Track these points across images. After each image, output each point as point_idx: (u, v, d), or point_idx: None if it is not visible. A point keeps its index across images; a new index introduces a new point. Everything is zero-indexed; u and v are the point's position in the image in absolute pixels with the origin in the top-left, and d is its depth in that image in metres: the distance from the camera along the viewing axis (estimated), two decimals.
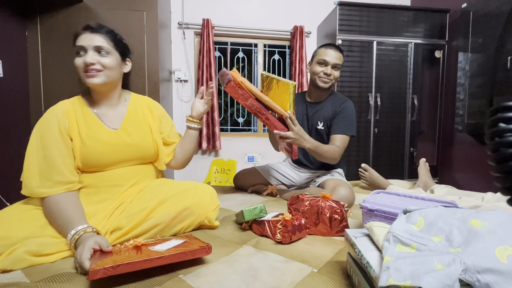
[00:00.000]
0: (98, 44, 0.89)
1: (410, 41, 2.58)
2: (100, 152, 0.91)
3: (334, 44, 1.45)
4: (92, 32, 0.89)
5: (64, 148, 0.87)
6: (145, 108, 1.06)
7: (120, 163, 0.96)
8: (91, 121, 0.93)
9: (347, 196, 1.23)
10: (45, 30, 2.02)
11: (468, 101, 2.26)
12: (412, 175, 2.63)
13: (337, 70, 1.42)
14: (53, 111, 0.90)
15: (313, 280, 0.65)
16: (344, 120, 1.42)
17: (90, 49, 0.88)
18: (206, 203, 0.99)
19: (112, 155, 0.93)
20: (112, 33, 0.94)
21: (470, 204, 1.08)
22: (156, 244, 0.75)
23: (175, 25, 2.79)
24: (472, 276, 0.39)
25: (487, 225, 0.44)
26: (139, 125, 1.01)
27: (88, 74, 0.88)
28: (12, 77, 1.84)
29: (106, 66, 0.90)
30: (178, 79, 2.83)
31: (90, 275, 0.58)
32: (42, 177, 0.82)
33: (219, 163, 2.94)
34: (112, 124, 0.97)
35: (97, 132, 0.92)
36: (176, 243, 0.75)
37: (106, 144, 0.92)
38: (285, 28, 2.97)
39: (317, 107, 1.50)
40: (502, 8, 2.00)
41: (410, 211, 0.57)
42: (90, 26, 0.90)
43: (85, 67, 0.87)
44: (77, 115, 0.92)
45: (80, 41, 0.88)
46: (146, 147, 1.01)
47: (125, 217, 0.87)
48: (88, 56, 0.87)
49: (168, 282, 0.64)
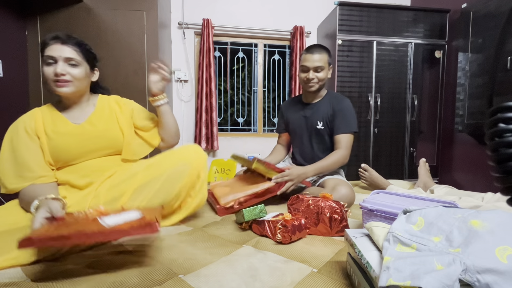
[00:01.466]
0: (68, 55, 0.93)
1: (410, 41, 2.58)
2: (67, 144, 0.94)
3: (314, 46, 1.44)
4: (62, 44, 0.93)
5: (32, 146, 0.92)
6: (113, 103, 1.09)
7: (90, 154, 0.99)
8: (57, 119, 0.98)
9: (347, 196, 1.23)
10: (45, 30, 2.02)
11: (468, 101, 2.26)
12: (412, 175, 2.63)
13: (320, 71, 1.42)
14: (21, 117, 0.96)
15: (313, 280, 0.65)
16: (345, 118, 1.42)
17: (61, 60, 0.92)
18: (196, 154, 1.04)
19: (79, 145, 0.96)
20: (82, 45, 0.98)
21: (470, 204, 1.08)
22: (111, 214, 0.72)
23: (175, 25, 2.79)
24: (472, 276, 0.39)
25: (487, 225, 0.44)
26: (105, 117, 1.04)
27: (58, 84, 0.92)
28: (12, 77, 1.84)
29: (75, 77, 0.94)
30: (178, 79, 2.83)
31: (19, 244, 0.57)
32: (15, 175, 0.88)
33: (219, 163, 2.94)
34: (78, 120, 1.01)
35: (62, 127, 0.97)
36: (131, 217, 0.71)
37: (71, 136, 0.96)
38: (285, 28, 2.97)
39: (314, 107, 1.51)
40: (502, 8, 2.00)
41: (410, 211, 0.57)
42: (59, 37, 0.93)
43: (55, 77, 0.91)
44: (44, 116, 0.97)
45: (49, 51, 0.91)
46: (113, 135, 1.03)
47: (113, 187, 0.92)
48: (58, 67, 0.91)
49: (168, 282, 0.64)
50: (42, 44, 0.93)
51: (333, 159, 1.36)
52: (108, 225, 0.66)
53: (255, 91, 3.14)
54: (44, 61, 0.92)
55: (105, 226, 0.65)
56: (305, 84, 1.46)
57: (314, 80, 1.42)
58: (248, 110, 3.21)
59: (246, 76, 3.24)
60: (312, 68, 1.41)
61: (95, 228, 0.63)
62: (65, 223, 0.69)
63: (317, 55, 1.40)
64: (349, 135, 1.41)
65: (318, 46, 1.44)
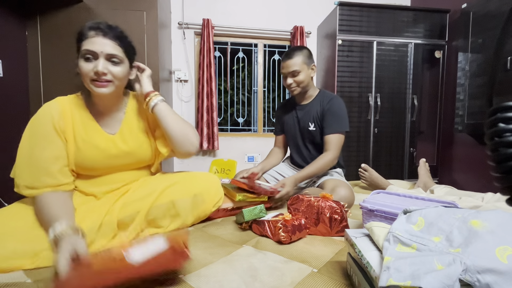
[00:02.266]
0: (110, 52, 0.81)
1: (410, 41, 2.58)
2: (94, 157, 0.87)
3: (288, 51, 1.43)
4: (104, 37, 0.81)
5: (57, 148, 0.82)
6: (142, 108, 1.01)
7: (115, 168, 0.94)
8: (88, 124, 0.89)
9: (347, 197, 1.23)
10: (45, 30, 2.02)
11: (468, 101, 2.26)
12: (412, 175, 2.63)
13: (297, 74, 1.40)
14: (48, 109, 0.84)
15: (313, 280, 0.65)
16: (334, 117, 1.40)
17: (102, 56, 0.80)
18: (213, 191, 1.00)
19: (107, 161, 0.90)
20: (123, 37, 0.87)
21: (470, 204, 1.08)
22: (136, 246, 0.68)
23: (175, 25, 2.79)
24: (472, 276, 0.39)
25: (487, 225, 0.44)
26: (136, 130, 0.97)
27: (98, 83, 0.81)
28: (12, 77, 1.84)
29: (116, 77, 0.84)
30: (178, 79, 2.83)
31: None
32: (31, 177, 0.78)
33: (219, 163, 2.94)
34: (110, 128, 0.93)
35: (93, 136, 0.88)
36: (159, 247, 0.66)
37: (101, 151, 0.88)
38: (285, 28, 2.97)
39: (306, 108, 1.51)
40: (502, 9, 2.00)
41: (410, 211, 0.57)
42: (101, 28, 0.81)
43: (95, 75, 0.80)
44: (74, 116, 0.87)
45: (89, 44, 0.80)
46: (143, 154, 0.97)
47: (128, 204, 0.86)
48: (100, 64, 0.80)
49: (168, 282, 0.64)
50: (80, 34, 0.81)
51: (320, 163, 1.35)
52: (137, 262, 0.62)
53: (255, 91, 3.15)
54: (82, 55, 0.80)
55: (134, 265, 0.61)
56: (289, 89, 1.47)
57: (293, 85, 1.42)
58: (248, 110, 3.21)
59: (246, 76, 3.24)
60: (289, 74, 1.41)
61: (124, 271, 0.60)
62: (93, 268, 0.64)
63: (290, 61, 1.39)
64: (338, 135, 1.39)
65: (292, 50, 1.43)
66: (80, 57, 0.82)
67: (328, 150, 1.38)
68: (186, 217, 0.95)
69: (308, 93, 1.50)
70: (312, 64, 1.45)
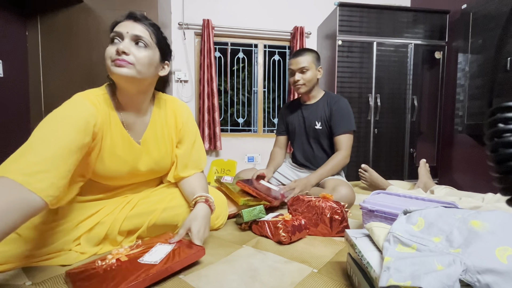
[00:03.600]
0: (137, 33, 0.74)
1: (410, 42, 2.58)
2: (118, 169, 0.81)
3: (299, 50, 1.48)
4: (135, 21, 0.76)
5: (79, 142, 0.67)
6: (170, 117, 0.92)
7: (132, 180, 0.89)
8: (117, 130, 0.79)
9: (348, 196, 1.23)
10: (45, 30, 2.02)
11: (468, 102, 2.26)
12: (412, 175, 2.63)
13: (306, 71, 1.44)
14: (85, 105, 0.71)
15: (313, 281, 0.65)
16: (343, 118, 1.45)
17: (127, 37, 0.74)
18: (218, 210, 0.97)
19: (128, 175, 0.84)
20: (157, 27, 0.81)
21: (470, 205, 1.08)
22: (143, 253, 0.69)
23: (176, 25, 2.79)
24: (472, 276, 0.39)
25: (487, 226, 0.44)
26: (160, 137, 0.89)
27: (117, 62, 0.71)
28: (13, 77, 1.84)
29: (139, 60, 0.74)
30: (179, 80, 2.83)
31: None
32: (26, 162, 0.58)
33: (219, 164, 2.94)
34: (135, 133, 0.84)
35: (122, 147, 0.80)
36: (166, 249, 0.71)
37: (125, 163, 0.81)
38: (285, 28, 2.98)
39: (311, 107, 1.53)
40: (502, 9, 2.00)
41: (410, 211, 0.57)
42: (133, 14, 0.77)
43: (116, 54, 0.71)
44: (104, 118, 0.76)
45: (118, 27, 0.75)
46: (164, 165, 0.91)
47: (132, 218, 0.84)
48: (122, 43, 0.72)
49: (168, 282, 0.64)
50: (113, 25, 0.77)
51: (334, 162, 1.39)
52: (156, 261, 0.65)
53: (255, 92, 3.15)
54: (110, 41, 0.75)
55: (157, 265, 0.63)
56: (294, 87, 1.50)
57: (300, 82, 1.46)
58: (248, 110, 3.21)
59: (246, 76, 3.24)
60: (297, 70, 1.45)
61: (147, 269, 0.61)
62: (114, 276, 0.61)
63: (301, 57, 1.44)
64: (348, 135, 1.44)
65: (302, 49, 1.49)
66: (109, 43, 0.75)
67: (339, 149, 1.42)
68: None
69: (312, 93, 1.53)
70: (319, 66, 1.49)
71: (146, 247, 0.73)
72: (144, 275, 0.60)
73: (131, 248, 0.73)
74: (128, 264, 0.65)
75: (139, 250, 0.72)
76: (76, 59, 2.03)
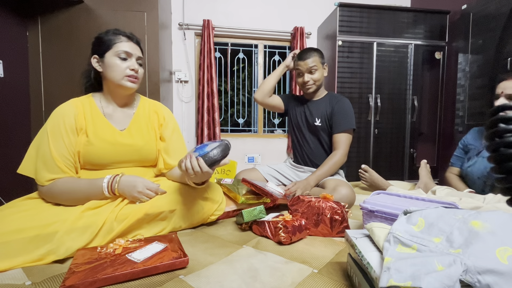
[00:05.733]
0: (140, 55, 1.00)
1: (410, 42, 2.59)
2: (103, 151, 0.94)
3: (304, 50, 1.50)
4: (135, 43, 1.00)
5: (65, 146, 0.89)
6: (153, 113, 1.09)
7: (120, 164, 0.98)
8: (98, 120, 0.97)
9: (348, 196, 1.23)
10: (45, 31, 2.02)
11: (468, 102, 2.26)
12: (412, 176, 2.63)
13: (314, 71, 1.46)
14: (62, 109, 0.93)
15: (313, 281, 0.65)
16: (343, 116, 1.46)
17: (134, 57, 0.98)
18: (216, 197, 1.02)
19: (114, 154, 0.96)
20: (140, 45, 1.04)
21: (470, 205, 1.08)
22: (136, 249, 0.73)
23: (176, 25, 2.79)
24: (472, 277, 0.39)
25: (488, 226, 0.44)
26: (144, 128, 1.04)
27: (130, 79, 0.97)
28: (13, 77, 1.85)
29: (140, 76, 1.02)
30: (179, 80, 2.84)
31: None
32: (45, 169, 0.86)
33: None
34: (120, 125, 1.01)
35: (103, 131, 0.95)
36: (156, 249, 0.73)
37: (110, 144, 0.95)
38: (286, 29, 2.98)
39: (314, 104, 1.56)
40: (502, 10, 2.00)
41: (410, 212, 0.57)
42: (132, 37, 1.00)
43: (131, 71, 0.97)
44: (86, 113, 0.95)
45: (125, 47, 0.96)
46: (148, 151, 1.03)
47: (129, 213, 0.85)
48: (135, 64, 0.98)
49: (168, 282, 0.64)
50: (109, 40, 0.96)
51: (332, 162, 1.40)
52: (139, 259, 0.68)
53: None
54: (117, 55, 0.95)
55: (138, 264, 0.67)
56: (303, 87, 1.52)
57: (309, 82, 1.48)
58: (248, 111, 3.22)
59: (247, 76, 3.24)
60: (306, 71, 1.46)
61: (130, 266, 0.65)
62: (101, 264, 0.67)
63: (309, 58, 1.45)
64: (346, 134, 1.44)
65: (308, 49, 1.50)
66: (114, 56, 0.96)
67: (337, 149, 1.43)
68: (182, 224, 0.95)
69: (318, 92, 1.56)
70: (324, 64, 1.51)
71: (144, 243, 0.76)
72: (120, 271, 0.63)
73: (131, 242, 0.77)
74: (118, 256, 0.69)
75: (135, 245, 0.75)
76: (76, 59, 2.03)
